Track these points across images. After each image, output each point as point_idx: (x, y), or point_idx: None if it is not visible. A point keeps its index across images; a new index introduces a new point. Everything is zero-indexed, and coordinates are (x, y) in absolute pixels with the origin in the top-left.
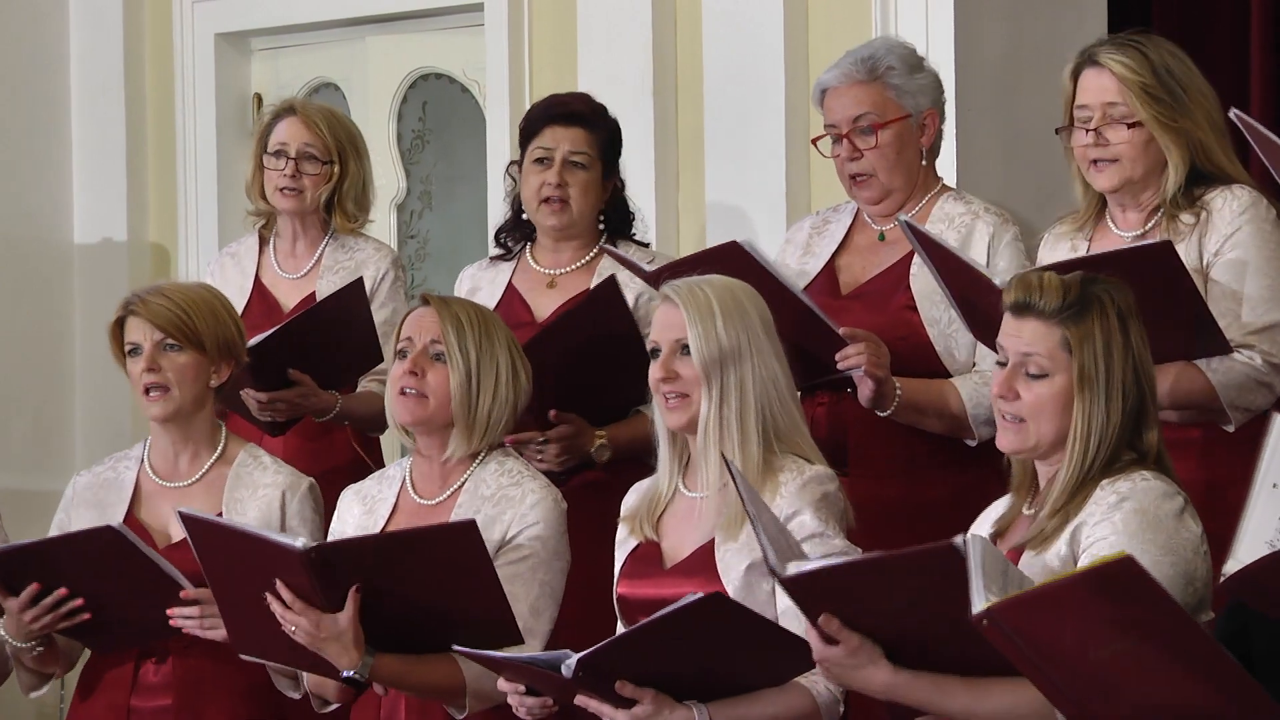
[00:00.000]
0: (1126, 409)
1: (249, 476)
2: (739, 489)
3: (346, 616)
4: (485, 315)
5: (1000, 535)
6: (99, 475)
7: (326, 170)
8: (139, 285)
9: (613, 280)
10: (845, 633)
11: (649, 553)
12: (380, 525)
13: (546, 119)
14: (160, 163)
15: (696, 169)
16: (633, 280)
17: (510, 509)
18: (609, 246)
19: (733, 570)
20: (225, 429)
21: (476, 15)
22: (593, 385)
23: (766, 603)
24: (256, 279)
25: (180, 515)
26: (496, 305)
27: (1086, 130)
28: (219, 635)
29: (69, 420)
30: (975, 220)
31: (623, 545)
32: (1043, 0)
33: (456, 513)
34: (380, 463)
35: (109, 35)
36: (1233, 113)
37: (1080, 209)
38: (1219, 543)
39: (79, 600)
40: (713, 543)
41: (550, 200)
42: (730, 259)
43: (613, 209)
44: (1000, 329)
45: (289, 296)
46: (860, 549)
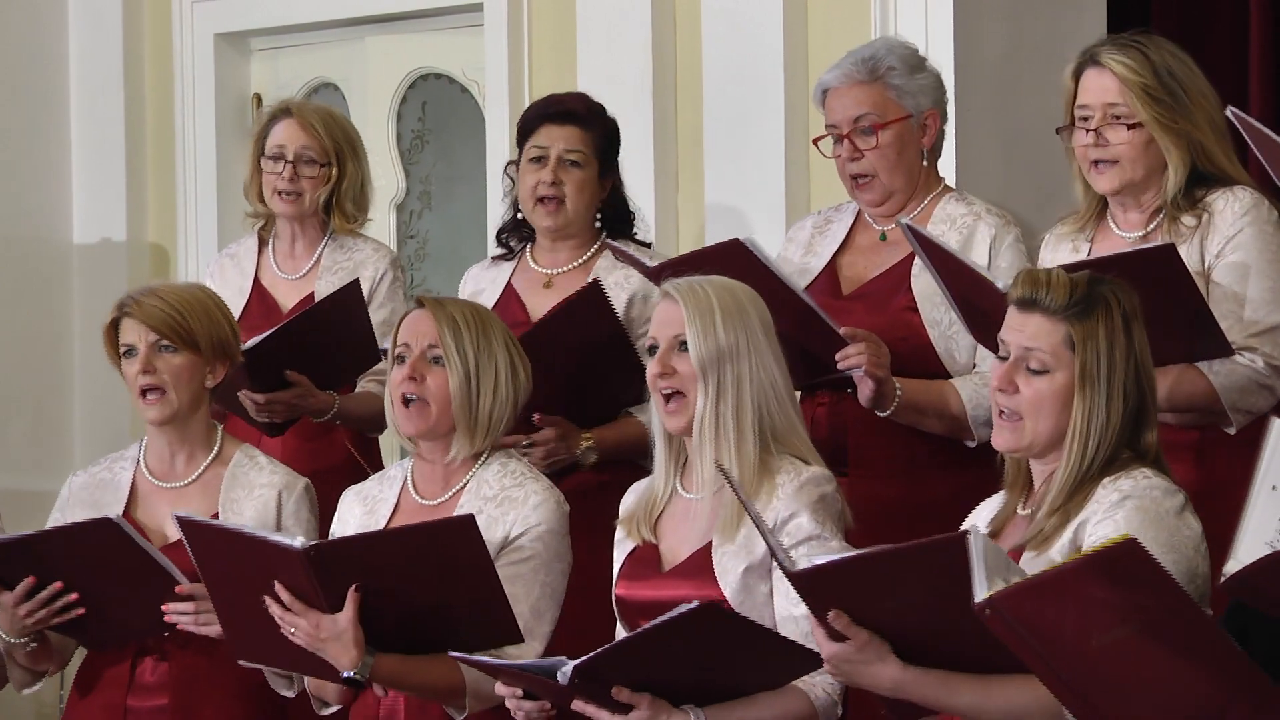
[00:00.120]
0: (1127, 409)
1: (245, 477)
2: (740, 499)
3: (346, 616)
4: (481, 314)
5: (996, 535)
6: (95, 476)
7: (324, 172)
8: (138, 285)
9: (596, 284)
10: (854, 629)
11: (647, 555)
12: (381, 526)
13: (542, 118)
14: (159, 163)
15: (696, 169)
16: (627, 280)
17: (513, 510)
18: (612, 242)
19: (730, 573)
20: (221, 429)
21: (476, 15)
22: (580, 387)
23: (764, 604)
24: (255, 280)
25: (177, 519)
26: (495, 305)
27: (1087, 130)
28: (214, 631)
29: (68, 420)
30: (977, 221)
31: (621, 546)
32: (1042, 0)
33: (458, 513)
34: (378, 463)
35: (108, 35)
36: (1229, 111)
37: (1081, 209)
38: (1216, 545)
39: (74, 595)
40: (710, 545)
41: (545, 199)
42: (732, 256)
43: (611, 208)
44: (1003, 323)
45: (288, 297)
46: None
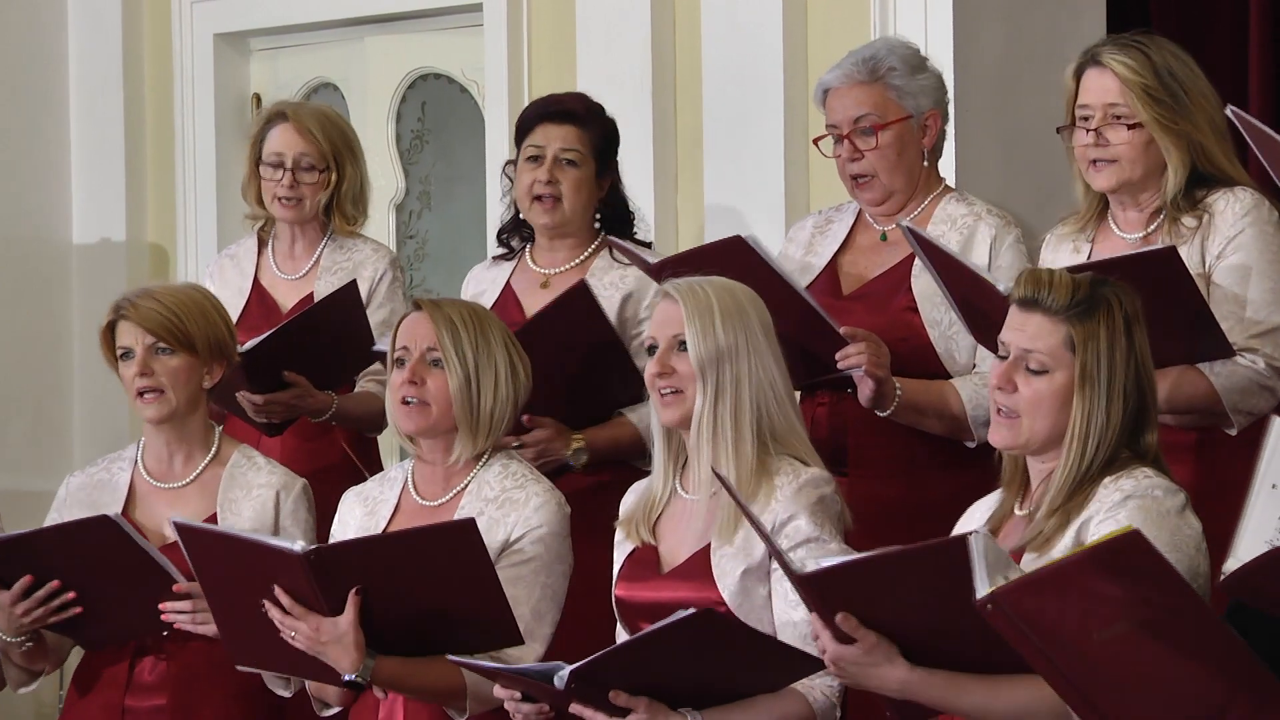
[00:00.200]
0: (1127, 411)
1: (243, 477)
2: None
3: (347, 619)
4: (479, 314)
5: (994, 534)
6: (92, 476)
7: (324, 178)
8: (136, 286)
9: (583, 284)
10: (862, 631)
11: (646, 556)
12: (382, 527)
13: (540, 117)
14: (159, 163)
15: (695, 169)
16: (622, 280)
17: (514, 511)
18: (615, 239)
19: (728, 576)
20: (219, 430)
21: (475, 15)
22: (570, 388)
23: (763, 607)
24: (255, 280)
25: (175, 525)
26: (493, 305)
27: (1087, 130)
28: (211, 630)
29: (67, 420)
30: (978, 222)
31: (621, 547)
32: (1041, 1)
33: (459, 514)
34: (376, 463)
35: (108, 35)
36: (1229, 110)
37: (1081, 209)
38: (1215, 545)
39: (71, 594)
40: (709, 547)
41: (541, 198)
42: (734, 254)
43: (611, 208)
44: (1005, 321)
45: (287, 297)
46: (857, 552)
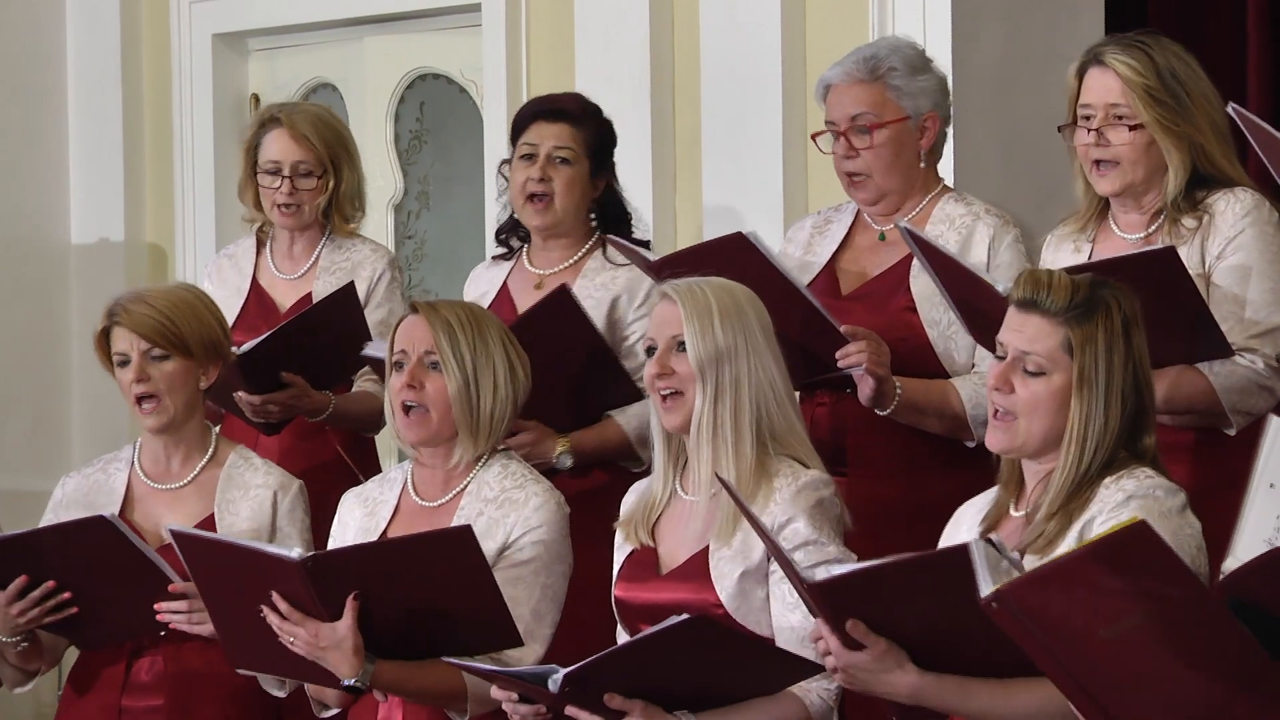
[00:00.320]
0: (1124, 413)
1: (240, 478)
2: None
3: (345, 625)
4: (477, 315)
5: (989, 534)
6: (88, 477)
7: (322, 183)
8: (136, 285)
9: (564, 289)
10: (872, 637)
11: (645, 557)
12: (382, 528)
13: (534, 115)
14: (157, 163)
15: (694, 169)
16: (613, 281)
17: (513, 512)
18: (613, 237)
19: (726, 578)
20: (215, 431)
21: (474, 15)
22: (558, 391)
23: (761, 609)
24: (254, 280)
25: (171, 533)
26: (490, 306)
27: (1089, 130)
28: (207, 630)
29: (65, 420)
30: (976, 221)
31: (621, 548)
32: (1040, 1)
33: (459, 515)
34: (373, 463)
35: (106, 35)
36: (1230, 107)
37: (1081, 208)
38: (1212, 545)
39: (66, 594)
40: (707, 549)
41: (534, 197)
42: (735, 251)
43: (607, 207)
44: (1003, 322)
45: (286, 297)
46: (855, 554)
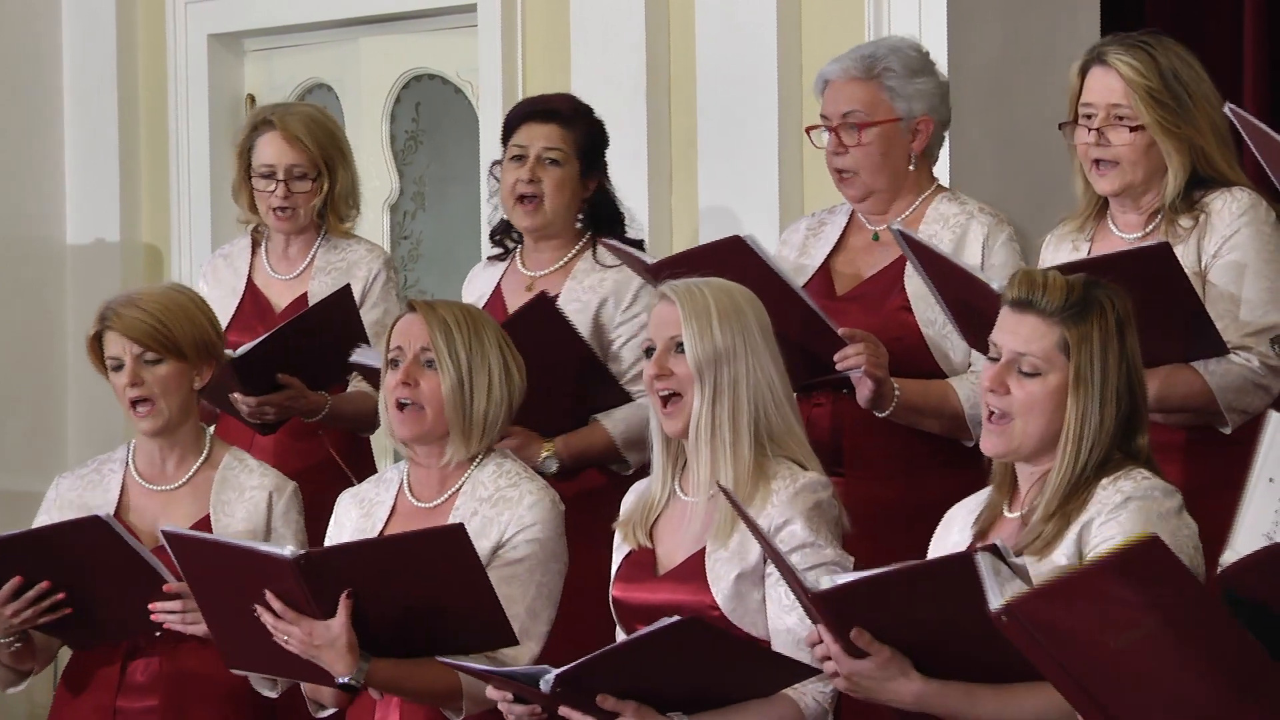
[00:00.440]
0: (1119, 413)
1: (235, 479)
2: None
3: (339, 623)
4: (474, 315)
5: (982, 537)
6: (83, 478)
7: (316, 185)
8: (131, 286)
9: (543, 296)
10: (876, 645)
11: (642, 558)
12: (378, 529)
13: (524, 116)
14: (153, 163)
15: (689, 170)
16: (601, 284)
17: (508, 510)
18: (608, 240)
19: (722, 580)
20: (210, 432)
21: (469, 16)
22: (545, 395)
23: (757, 612)
24: (249, 280)
25: (164, 534)
26: (484, 307)
27: (1089, 129)
28: (201, 630)
29: (62, 420)
30: (970, 220)
31: (619, 548)
32: (1037, 1)
33: (454, 515)
34: (368, 463)
35: (102, 35)
36: (1227, 107)
37: (1080, 206)
38: (1207, 545)
39: (61, 594)
40: (704, 550)
41: (524, 199)
42: (732, 254)
43: (599, 208)
44: (997, 323)
45: (281, 297)
46: (853, 557)
